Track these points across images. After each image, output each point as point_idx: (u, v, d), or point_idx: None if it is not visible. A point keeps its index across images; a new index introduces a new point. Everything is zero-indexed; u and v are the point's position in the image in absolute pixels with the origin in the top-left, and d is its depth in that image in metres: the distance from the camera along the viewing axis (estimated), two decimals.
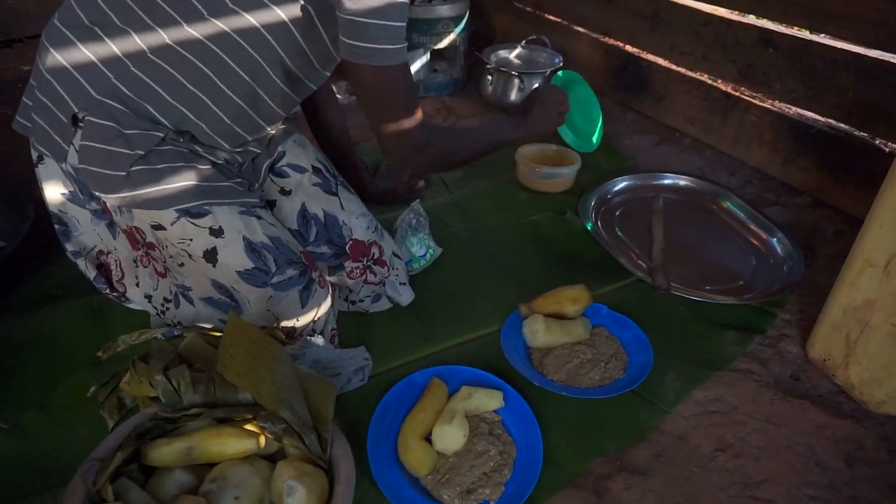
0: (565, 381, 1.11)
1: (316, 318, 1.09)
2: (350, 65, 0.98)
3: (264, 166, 1.18)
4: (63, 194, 1.09)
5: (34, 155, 1.07)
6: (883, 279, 1.02)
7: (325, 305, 1.10)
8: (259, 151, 1.16)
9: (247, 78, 1.01)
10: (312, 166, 1.21)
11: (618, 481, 0.98)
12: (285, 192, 1.19)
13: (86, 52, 0.97)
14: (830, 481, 0.99)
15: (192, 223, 0.99)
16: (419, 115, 1.08)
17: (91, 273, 1.17)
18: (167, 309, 1.13)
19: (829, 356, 1.16)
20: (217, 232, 1.00)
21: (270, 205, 1.19)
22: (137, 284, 1.16)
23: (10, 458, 0.97)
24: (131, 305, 1.21)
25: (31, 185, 1.47)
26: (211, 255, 1.01)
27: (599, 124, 1.73)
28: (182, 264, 1.04)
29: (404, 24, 0.96)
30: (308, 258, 1.09)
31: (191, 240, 1.00)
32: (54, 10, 1.03)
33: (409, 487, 0.93)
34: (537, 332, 1.16)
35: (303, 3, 0.98)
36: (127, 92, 0.96)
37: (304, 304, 1.06)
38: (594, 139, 1.74)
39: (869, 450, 1.04)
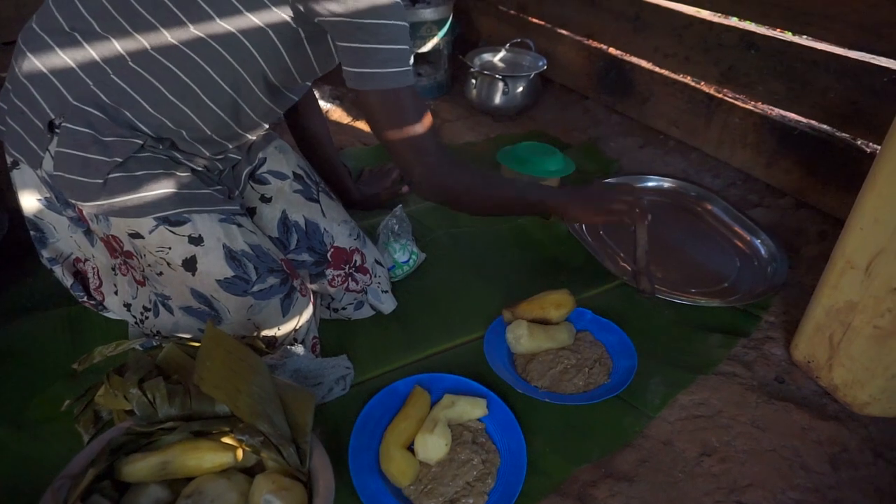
0: (549, 388, 1.10)
1: (297, 327, 1.08)
2: (359, 93, 0.98)
3: (244, 173, 1.16)
4: (39, 200, 1.06)
5: (8, 160, 1.04)
6: (864, 281, 1.02)
7: (307, 314, 1.09)
8: (239, 158, 1.14)
9: (228, 89, 0.99)
10: (293, 172, 1.20)
11: (603, 488, 0.97)
12: (265, 200, 1.18)
13: (64, 58, 0.95)
14: (815, 484, 0.99)
15: (170, 231, 0.98)
16: (428, 122, 1.04)
17: (68, 281, 1.15)
18: (146, 318, 1.11)
19: (813, 358, 1.16)
20: (196, 240, 0.99)
21: (251, 212, 1.17)
22: (116, 293, 1.13)
23: None
24: (109, 314, 1.19)
25: (4, 193, 1.44)
26: (190, 264, 0.99)
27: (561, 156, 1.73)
28: (161, 273, 1.02)
29: (404, 24, 0.94)
30: (289, 266, 1.08)
31: (169, 248, 0.98)
32: (31, 15, 1.01)
33: (392, 498, 0.92)
34: (521, 337, 1.15)
35: (291, 20, 0.96)
36: (106, 99, 0.94)
37: (286, 313, 1.04)
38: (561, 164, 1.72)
39: (854, 452, 1.04)
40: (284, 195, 1.18)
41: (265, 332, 1.04)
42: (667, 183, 1.74)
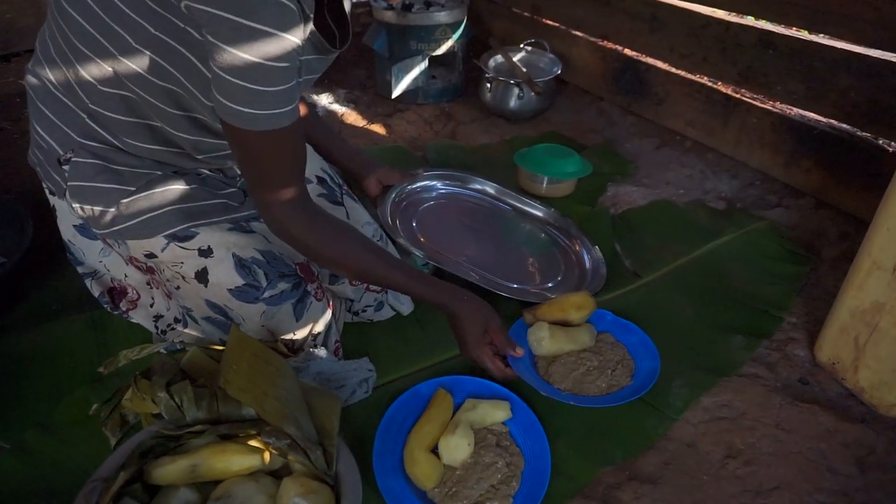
0: (572, 390, 1.10)
1: (316, 332, 1.08)
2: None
3: None
4: (74, 225, 1.08)
5: (45, 185, 1.06)
6: (892, 282, 1.01)
7: (325, 319, 1.09)
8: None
9: (176, 111, 0.93)
10: (317, 176, 1.20)
11: (627, 491, 0.97)
12: None
13: (58, 95, 0.95)
14: (843, 487, 0.98)
15: (180, 247, 0.99)
16: (297, 192, 0.91)
17: (96, 291, 1.16)
18: (173, 329, 1.13)
19: (838, 359, 1.15)
20: (206, 252, 1.00)
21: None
22: (152, 304, 1.15)
23: (11, 479, 0.96)
24: (133, 320, 1.21)
25: (30, 199, 1.47)
26: (202, 276, 1.00)
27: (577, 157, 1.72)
28: (178, 287, 1.04)
29: (278, 88, 0.79)
30: (305, 270, 1.08)
31: (182, 263, 1.00)
32: None
33: (417, 500, 0.92)
34: (542, 339, 1.15)
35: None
36: (102, 132, 0.95)
37: (299, 318, 1.05)
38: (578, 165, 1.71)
39: (881, 454, 1.03)
40: None
41: (281, 337, 1.05)
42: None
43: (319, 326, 1.08)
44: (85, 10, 0.85)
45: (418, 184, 1.51)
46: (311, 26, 0.86)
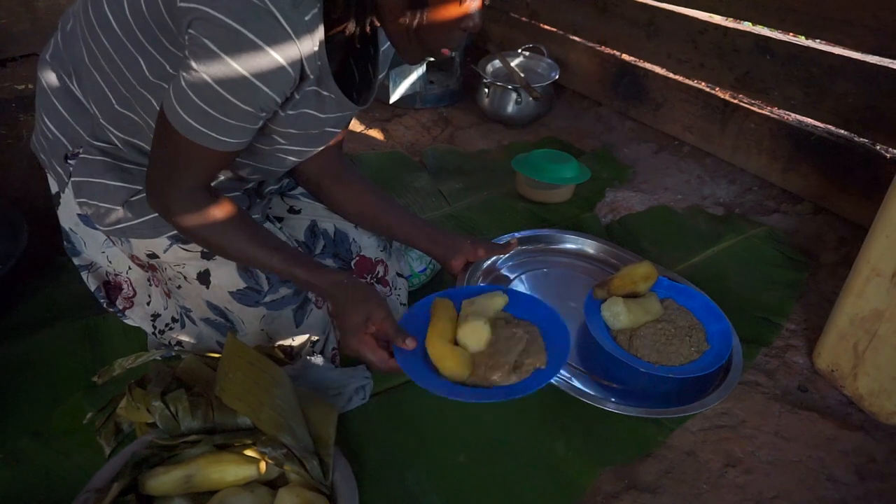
0: (659, 361, 1.10)
1: (315, 339, 1.07)
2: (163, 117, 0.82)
3: (267, 190, 1.16)
4: (79, 214, 1.07)
5: (47, 173, 1.06)
6: (890, 289, 1.00)
7: (323, 325, 1.09)
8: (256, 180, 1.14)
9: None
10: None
11: (626, 499, 0.96)
12: (294, 211, 1.18)
13: (80, 99, 0.96)
14: (843, 495, 0.98)
15: (183, 248, 0.99)
16: (195, 185, 0.88)
17: (92, 286, 1.15)
18: (171, 328, 1.12)
19: (837, 367, 1.14)
20: (208, 254, 0.99)
21: (277, 220, 1.18)
22: (149, 303, 1.14)
23: (5, 488, 0.95)
24: (128, 321, 1.20)
25: (25, 205, 1.46)
26: (204, 277, 1.00)
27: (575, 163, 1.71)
28: (179, 287, 1.04)
29: (251, 110, 0.79)
30: None
31: (184, 264, 1.00)
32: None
33: (467, 388, 0.92)
34: (619, 314, 1.14)
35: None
36: (117, 132, 0.95)
37: (299, 324, 1.04)
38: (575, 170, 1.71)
39: (880, 462, 1.03)
40: (316, 209, 1.18)
41: (280, 342, 1.04)
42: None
43: (318, 333, 1.08)
44: (113, 37, 0.86)
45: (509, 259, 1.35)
46: (327, 89, 0.88)
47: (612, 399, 1.06)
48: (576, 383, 1.09)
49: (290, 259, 0.95)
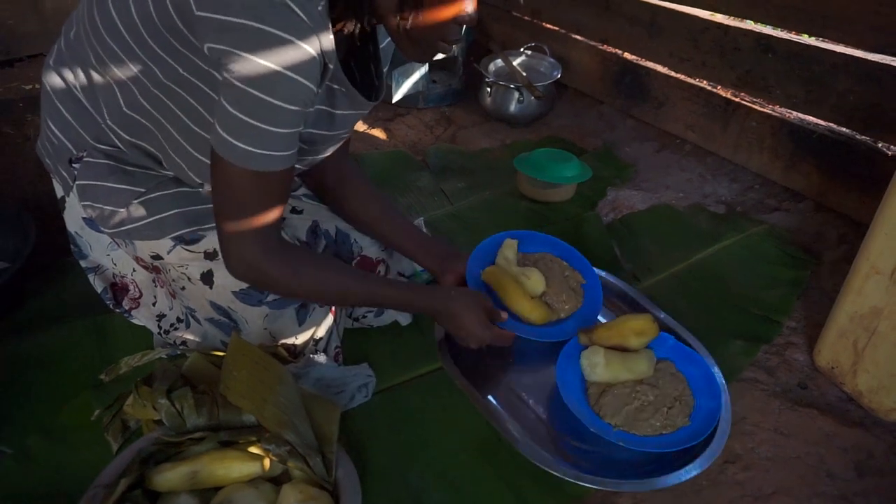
0: (623, 426, 1.01)
1: (318, 337, 1.08)
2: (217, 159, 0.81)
3: None
4: (84, 218, 1.08)
5: (52, 178, 1.07)
6: (890, 287, 1.01)
7: (326, 324, 1.10)
8: None
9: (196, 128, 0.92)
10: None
11: (626, 497, 0.97)
12: (297, 211, 1.19)
13: (84, 103, 0.96)
14: (842, 491, 0.98)
15: (186, 249, 1.00)
16: (272, 229, 0.88)
17: (99, 287, 1.17)
18: (176, 328, 1.13)
19: (837, 364, 1.15)
20: (212, 255, 1.00)
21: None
22: (154, 303, 1.16)
23: (13, 483, 0.97)
24: (135, 321, 1.21)
25: (33, 204, 1.47)
26: (207, 278, 1.01)
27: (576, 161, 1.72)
28: (183, 287, 1.05)
29: (281, 130, 0.79)
30: None
31: (188, 265, 1.01)
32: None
33: (548, 328, 1.16)
34: (597, 366, 1.06)
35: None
36: (123, 133, 0.96)
37: (302, 322, 1.05)
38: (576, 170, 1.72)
39: (879, 458, 1.03)
40: (318, 210, 1.19)
41: (283, 341, 1.05)
42: None
43: (321, 332, 1.09)
44: (120, 41, 0.87)
45: None
46: (338, 83, 0.88)
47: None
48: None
49: (392, 286, 1.05)
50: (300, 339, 1.07)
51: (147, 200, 0.97)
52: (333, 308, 1.13)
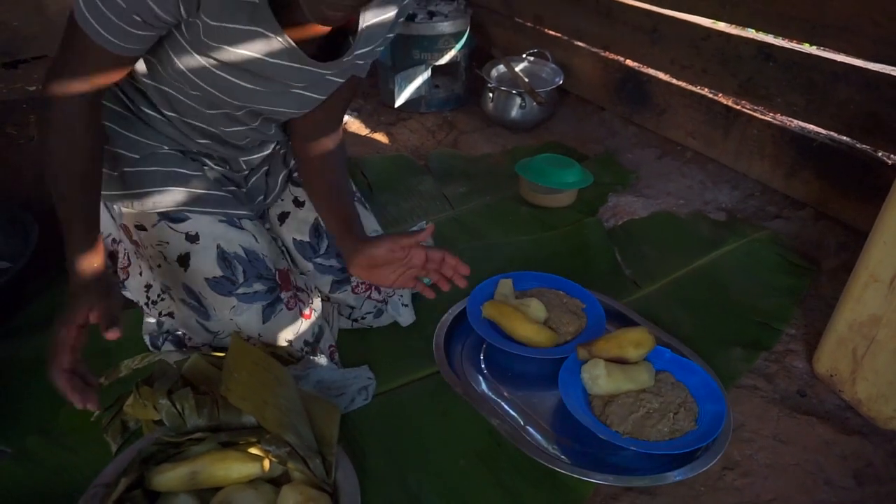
0: (632, 433, 1.02)
1: (287, 340, 1.08)
2: None
3: (281, 177, 1.19)
4: None
5: None
6: (888, 295, 1.01)
7: (295, 328, 1.09)
8: (247, 171, 1.16)
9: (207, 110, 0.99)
10: None
11: (624, 501, 0.97)
12: (299, 203, 1.20)
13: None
14: (840, 499, 0.98)
15: (170, 227, 1.02)
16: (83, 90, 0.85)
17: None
18: (162, 299, 1.13)
19: (836, 371, 1.15)
20: (193, 238, 1.02)
21: (283, 217, 1.20)
22: (141, 273, 1.16)
23: (13, 484, 0.97)
24: (127, 294, 1.20)
25: (35, 205, 1.48)
26: (184, 260, 1.03)
27: (578, 167, 1.73)
28: (159, 265, 1.06)
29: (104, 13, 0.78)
30: (284, 278, 1.09)
31: (167, 243, 1.02)
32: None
33: (555, 350, 1.18)
34: (598, 378, 1.07)
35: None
36: (122, 96, 0.98)
37: (266, 321, 1.05)
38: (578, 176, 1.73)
39: (878, 467, 1.03)
40: None
41: (246, 335, 1.04)
42: None
43: (289, 335, 1.08)
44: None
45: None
46: (272, 32, 0.84)
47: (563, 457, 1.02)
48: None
49: (73, 215, 0.89)
50: (263, 337, 1.05)
51: (142, 173, 0.99)
52: (308, 312, 1.12)
